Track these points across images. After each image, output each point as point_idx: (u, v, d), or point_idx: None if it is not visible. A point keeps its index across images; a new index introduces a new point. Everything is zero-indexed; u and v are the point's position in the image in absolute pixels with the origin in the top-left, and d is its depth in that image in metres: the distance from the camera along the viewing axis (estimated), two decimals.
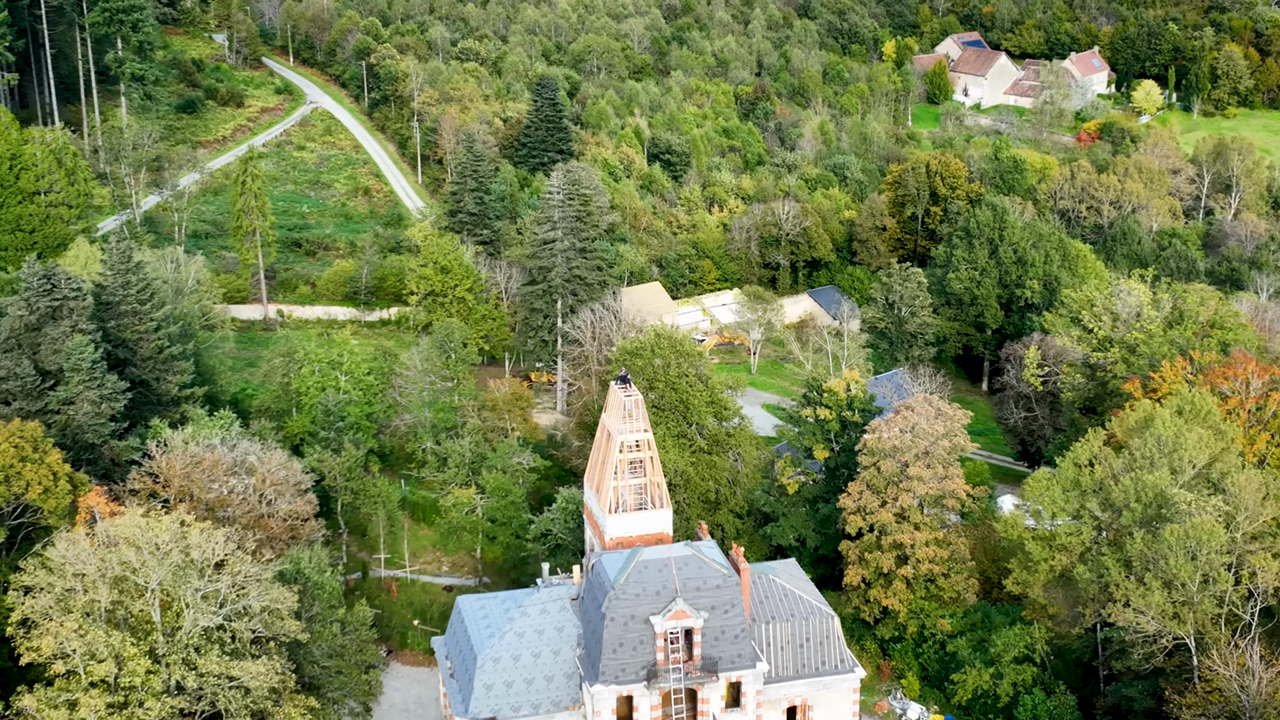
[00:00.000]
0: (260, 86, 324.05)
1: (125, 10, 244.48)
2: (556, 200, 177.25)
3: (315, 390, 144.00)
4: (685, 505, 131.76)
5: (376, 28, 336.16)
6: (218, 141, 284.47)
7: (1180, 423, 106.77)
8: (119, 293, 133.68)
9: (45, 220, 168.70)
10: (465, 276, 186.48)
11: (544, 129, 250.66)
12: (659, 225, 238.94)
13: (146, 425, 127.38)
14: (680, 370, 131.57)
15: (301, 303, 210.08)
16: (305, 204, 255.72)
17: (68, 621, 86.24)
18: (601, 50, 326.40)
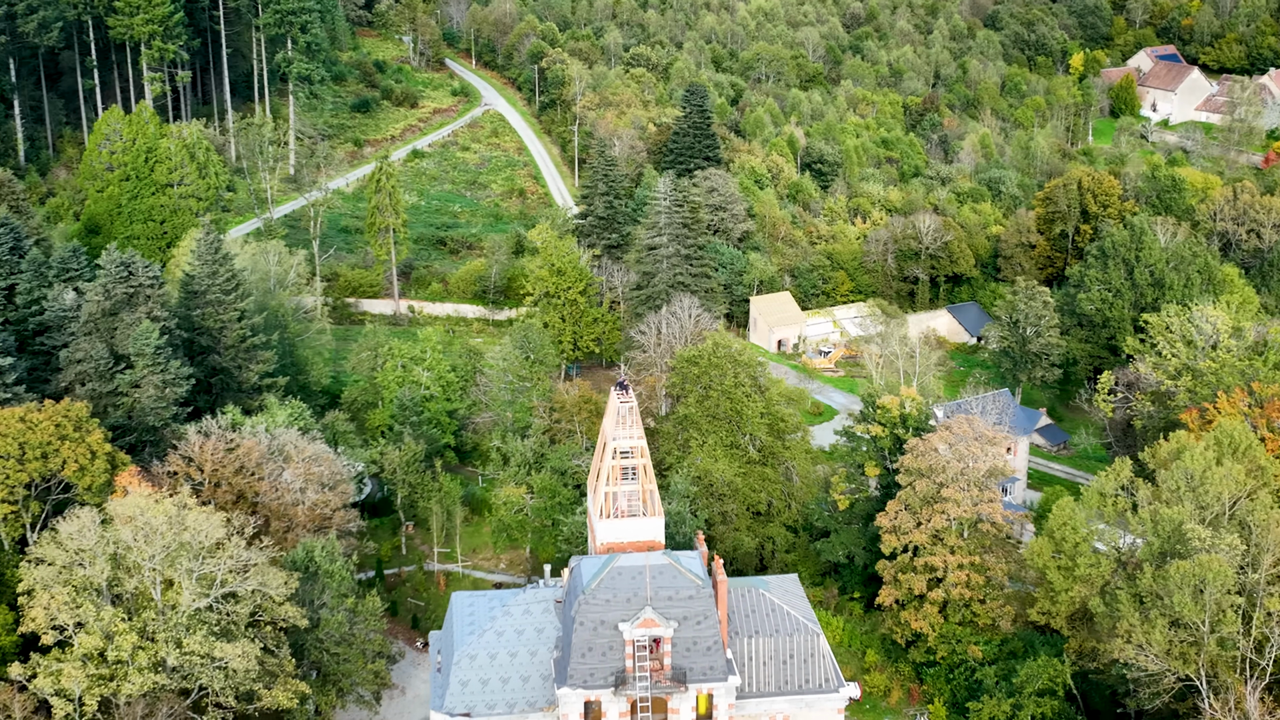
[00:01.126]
0: (438, 88, 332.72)
1: (295, 12, 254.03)
2: (662, 206, 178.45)
3: (395, 385, 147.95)
4: (733, 516, 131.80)
5: (553, 32, 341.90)
6: (385, 141, 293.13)
7: (1210, 457, 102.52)
8: (205, 282, 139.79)
9: (175, 211, 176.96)
10: (579, 279, 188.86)
11: (692, 135, 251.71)
12: (797, 235, 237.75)
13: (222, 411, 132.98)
14: (736, 380, 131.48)
15: (433, 299, 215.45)
16: (458, 203, 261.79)
17: (60, 593, 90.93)
18: (770, 58, 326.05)
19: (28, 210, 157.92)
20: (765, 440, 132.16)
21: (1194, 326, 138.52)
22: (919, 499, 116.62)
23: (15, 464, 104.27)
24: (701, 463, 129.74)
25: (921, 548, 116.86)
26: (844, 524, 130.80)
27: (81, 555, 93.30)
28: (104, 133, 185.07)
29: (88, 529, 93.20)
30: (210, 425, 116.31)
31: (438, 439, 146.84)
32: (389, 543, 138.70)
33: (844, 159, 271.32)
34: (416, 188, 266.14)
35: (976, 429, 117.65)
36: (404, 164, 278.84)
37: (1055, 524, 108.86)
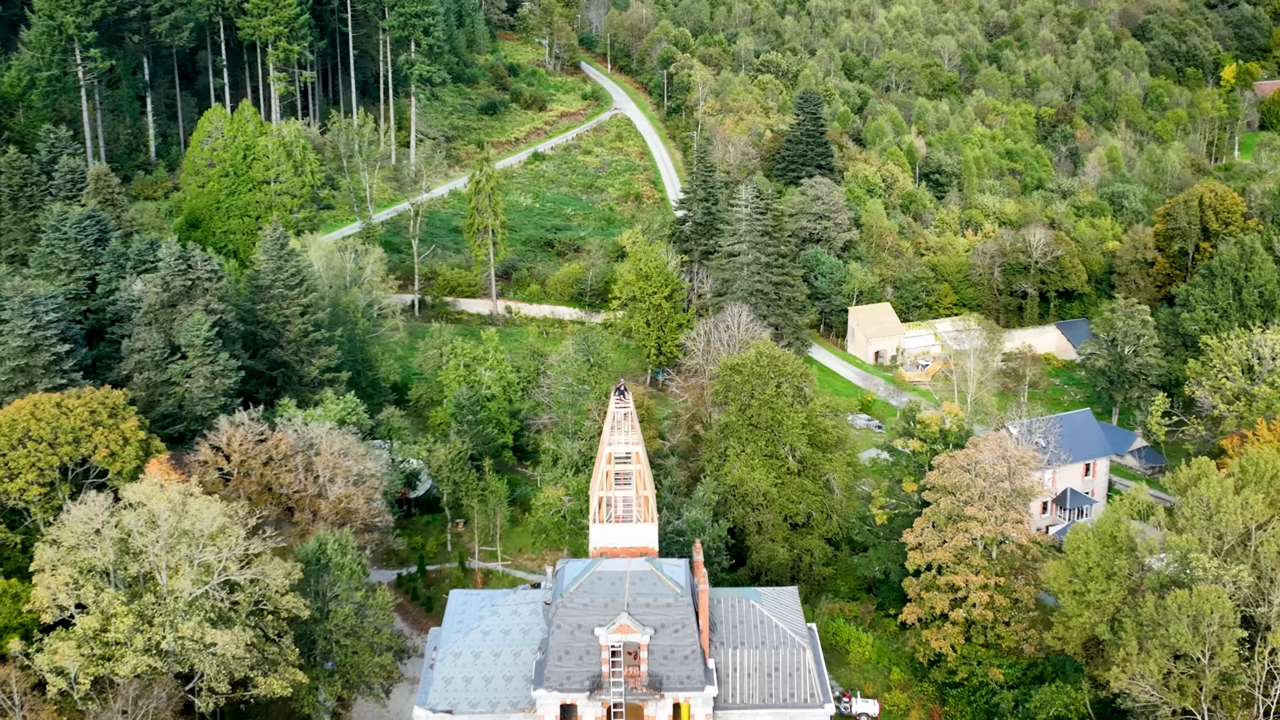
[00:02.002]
0: (569, 92, 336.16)
1: (418, 15, 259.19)
2: (743, 214, 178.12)
3: (456, 383, 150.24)
4: (769, 526, 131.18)
5: (686, 38, 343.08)
6: (509, 143, 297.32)
7: (1228, 485, 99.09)
8: (269, 278, 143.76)
9: (269, 208, 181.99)
10: (664, 285, 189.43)
11: (805, 143, 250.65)
12: (904, 245, 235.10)
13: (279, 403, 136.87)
14: (778, 390, 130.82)
15: (530, 301, 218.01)
16: (572, 206, 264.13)
17: (62, 573, 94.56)
18: (900, 66, 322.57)
19: (122, 204, 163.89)
20: (805, 451, 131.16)
21: (1252, 351, 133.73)
22: (943, 516, 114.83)
23: (47, 447, 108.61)
24: (737, 471, 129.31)
25: (945, 566, 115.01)
26: (882, 539, 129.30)
27: (89, 538, 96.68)
28: (206, 130, 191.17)
29: (96, 513, 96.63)
30: (242, 416, 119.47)
31: (495, 439, 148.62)
32: (436, 539, 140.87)
33: (963, 170, 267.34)
34: (533, 190, 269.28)
35: (1005, 448, 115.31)
36: (523, 166, 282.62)
37: (1069, 548, 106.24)
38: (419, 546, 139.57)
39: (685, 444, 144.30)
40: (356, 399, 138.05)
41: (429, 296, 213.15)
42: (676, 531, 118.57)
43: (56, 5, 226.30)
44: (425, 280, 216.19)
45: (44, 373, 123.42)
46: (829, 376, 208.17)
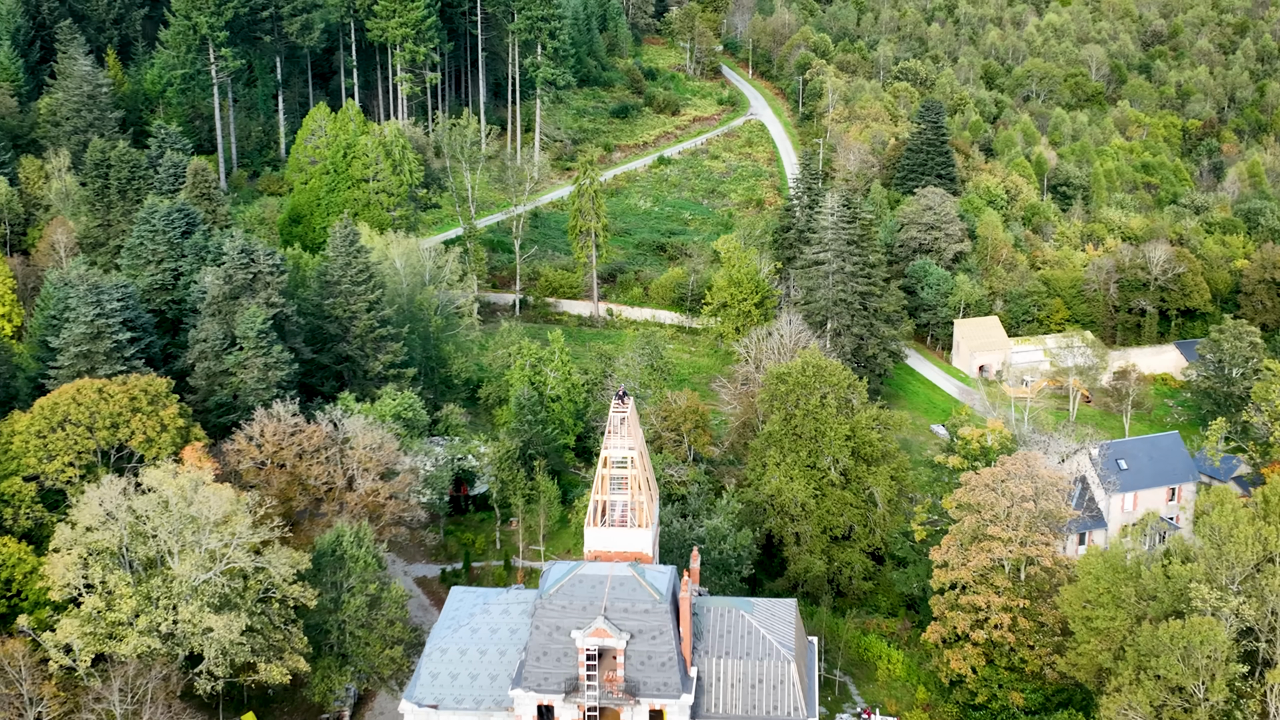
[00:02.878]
0: (706, 96, 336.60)
1: (545, 18, 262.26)
2: (829, 222, 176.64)
3: (521, 384, 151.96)
4: (807, 537, 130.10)
5: (825, 44, 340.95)
6: (637, 146, 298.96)
7: (1242, 514, 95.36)
8: (337, 273, 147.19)
9: (367, 205, 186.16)
10: (754, 291, 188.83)
11: (925, 152, 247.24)
12: (1019, 259, 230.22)
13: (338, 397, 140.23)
14: (822, 400, 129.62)
15: (632, 304, 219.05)
16: (691, 211, 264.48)
17: (72, 553, 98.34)
18: (1042, 75, 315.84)
19: (219, 199, 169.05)
20: (848, 463, 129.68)
21: None
22: (968, 535, 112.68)
23: (85, 431, 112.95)
24: (776, 481, 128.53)
25: (967, 585, 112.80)
26: (922, 556, 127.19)
27: (103, 520, 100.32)
28: (310, 129, 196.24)
29: (110, 495, 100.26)
30: (279, 409, 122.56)
31: (555, 439, 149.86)
32: (486, 536, 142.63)
33: (1092, 182, 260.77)
34: (654, 194, 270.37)
35: (1033, 468, 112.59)
36: (648, 170, 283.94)
37: (1081, 572, 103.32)
38: (469, 543, 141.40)
39: (734, 452, 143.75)
40: (414, 395, 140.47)
41: (531, 297, 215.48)
42: (697, 539, 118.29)
43: (192, 5, 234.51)
44: (529, 281, 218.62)
45: (105, 359, 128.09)
46: (928, 389, 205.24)
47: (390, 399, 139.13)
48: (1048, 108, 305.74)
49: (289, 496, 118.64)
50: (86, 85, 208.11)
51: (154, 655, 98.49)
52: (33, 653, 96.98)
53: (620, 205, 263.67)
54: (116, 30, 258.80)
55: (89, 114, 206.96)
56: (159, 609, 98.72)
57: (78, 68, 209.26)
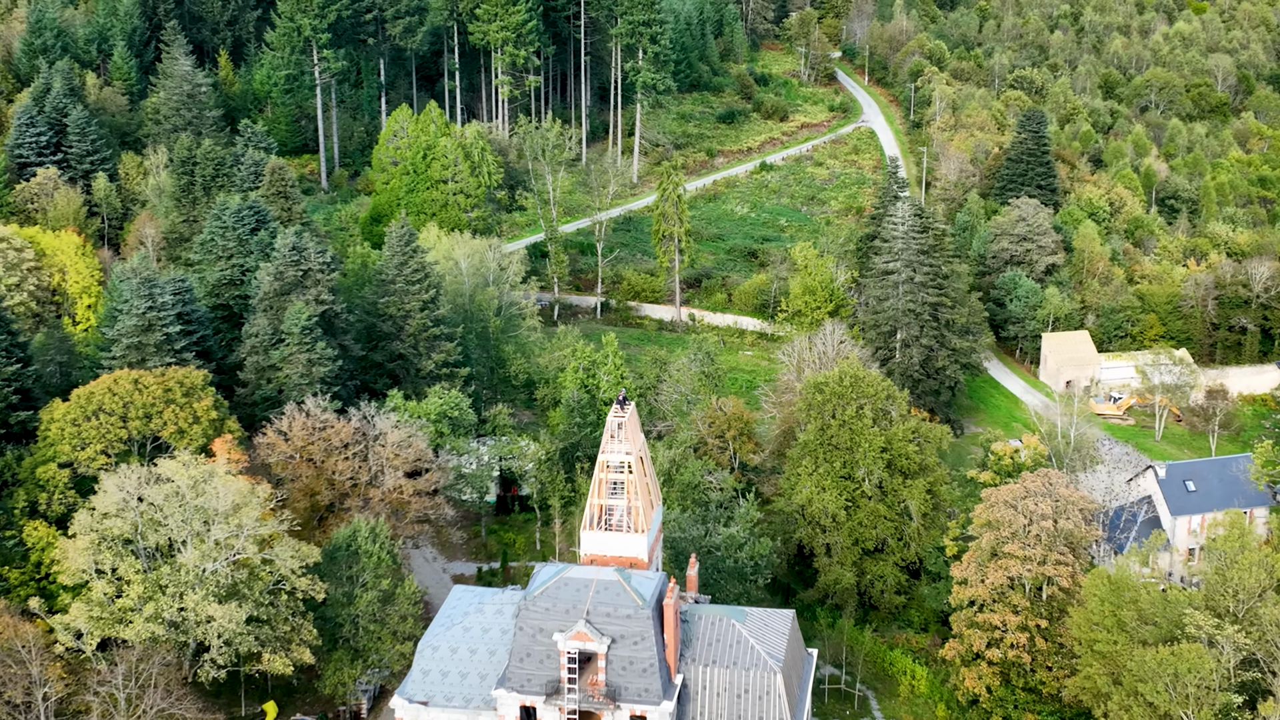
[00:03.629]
0: (818, 103, 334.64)
1: (646, 23, 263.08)
2: (899, 231, 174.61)
3: (572, 386, 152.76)
4: (839, 549, 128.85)
5: (940, 51, 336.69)
6: (741, 152, 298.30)
7: (1249, 540, 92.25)
8: (392, 273, 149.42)
9: (444, 206, 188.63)
10: (827, 300, 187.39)
11: (1025, 162, 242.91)
12: (1116, 272, 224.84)
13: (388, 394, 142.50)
14: (858, 411, 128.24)
15: (714, 309, 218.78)
16: (787, 218, 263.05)
17: (84, 540, 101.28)
18: (1161, 85, 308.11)
19: (295, 197, 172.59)
20: (882, 476, 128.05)
21: None
22: (986, 552, 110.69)
23: (118, 421, 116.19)
24: (806, 491, 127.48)
25: (984, 603, 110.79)
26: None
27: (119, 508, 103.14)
28: (393, 129, 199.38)
29: (126, 484, 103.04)
30: (311, 404, 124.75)
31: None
32: (528, 536, 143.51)
33: (1202, 196, 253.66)
34: (752, 200, 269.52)
35: (1053, 486, 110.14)
36: (749, 176, 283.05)
37: (1087, 594, 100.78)
38: (510, 543, 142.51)
39: (775, 460, 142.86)
40: (461, 394, 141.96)
41: (614, 300, 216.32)
42: (713, 546, 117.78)
43: (296, 8, 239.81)
44: (612, 284, 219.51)
45: (155, 351, 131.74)
46: (1010, 403, 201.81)
47: (437, 397, 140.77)
48: (1165, 119, 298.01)
49: (315, 490, 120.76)
50: (186, 85, 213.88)
51: (159, 642, 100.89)
52: (45, 634, 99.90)
53: (716, 210, 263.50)
54: (230, 31, 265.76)
55: (188, 113, 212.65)
56: (166, 596, 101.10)
57: (178, 67, 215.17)
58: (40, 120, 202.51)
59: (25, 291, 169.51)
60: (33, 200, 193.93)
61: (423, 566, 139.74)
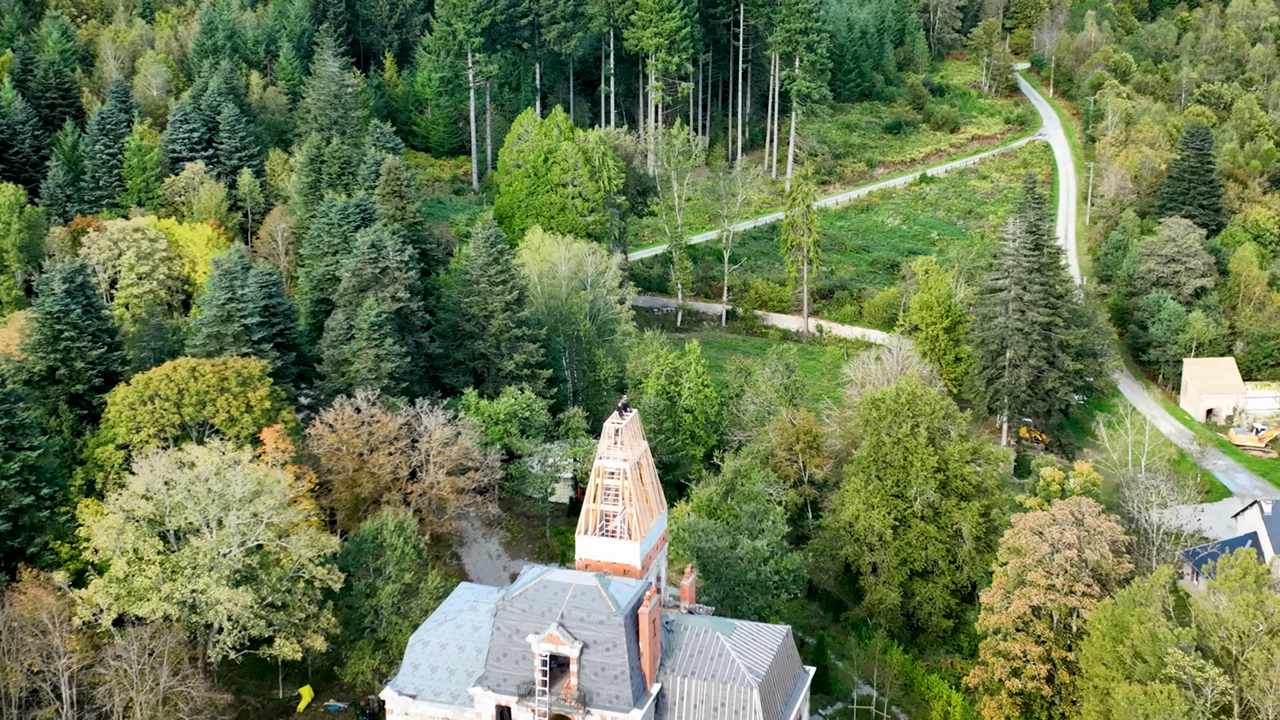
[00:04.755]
0: (994, 115, 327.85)
1: (804, 31, 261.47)
2: (1010, 248, 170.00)
3: (651, 392, 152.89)
4: (886, 569, 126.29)
5: (1126, 64, 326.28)
6: (903, 163, 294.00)
7: (1249, 580, 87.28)
8: (477, 273, 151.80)
9: (562, 210, 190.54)
10: (944, 316, 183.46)
11: (1187, 180, 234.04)
12: (1274, 298, 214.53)
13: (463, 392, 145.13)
14: (913, 430, 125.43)
15: (843, 321, 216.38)
16: (940, 230, 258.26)
17: (107, 519, 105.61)
18: None
19: (410, 197, 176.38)
20: (934, 496, 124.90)
21: None
22: (1012, 579, 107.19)
23: (172, 406, 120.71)
24: (853, 508, 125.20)
25: (1008, 632, 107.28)
26: None
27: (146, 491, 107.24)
28: (518, 133, 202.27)
29: (154, 468, 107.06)
30: (361, 398, 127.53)
31: (682, 449, 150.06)
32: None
33: None
34: (905, 212, 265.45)
35: (1082, 514, 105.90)
36: (907, 187, 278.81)
37: (1090, 628, 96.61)
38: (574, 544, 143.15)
39: (835, 475, 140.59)
40: (533, 396, 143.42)
41: (741, 309, 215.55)
42: (738, 558, 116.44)
43: (453, 12, 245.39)
44: (739, 293, 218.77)
45: (233, 341, 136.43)
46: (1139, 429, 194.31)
47: (510, 398, 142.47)
48: None
49: (358, 483, 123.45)
50: (333, 85, 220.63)
51: (172, 621, 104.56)
52: (69, 607, 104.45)
53: (866, 222, 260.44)
54: (397, 35, 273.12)
55: (333, 112, 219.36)
56: (182, 577, 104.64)
57: (327, 68, 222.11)
58: (194, 117, 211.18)
59: (155, 280, 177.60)
60: (180, 194, 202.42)
61: (485, 564, 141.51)
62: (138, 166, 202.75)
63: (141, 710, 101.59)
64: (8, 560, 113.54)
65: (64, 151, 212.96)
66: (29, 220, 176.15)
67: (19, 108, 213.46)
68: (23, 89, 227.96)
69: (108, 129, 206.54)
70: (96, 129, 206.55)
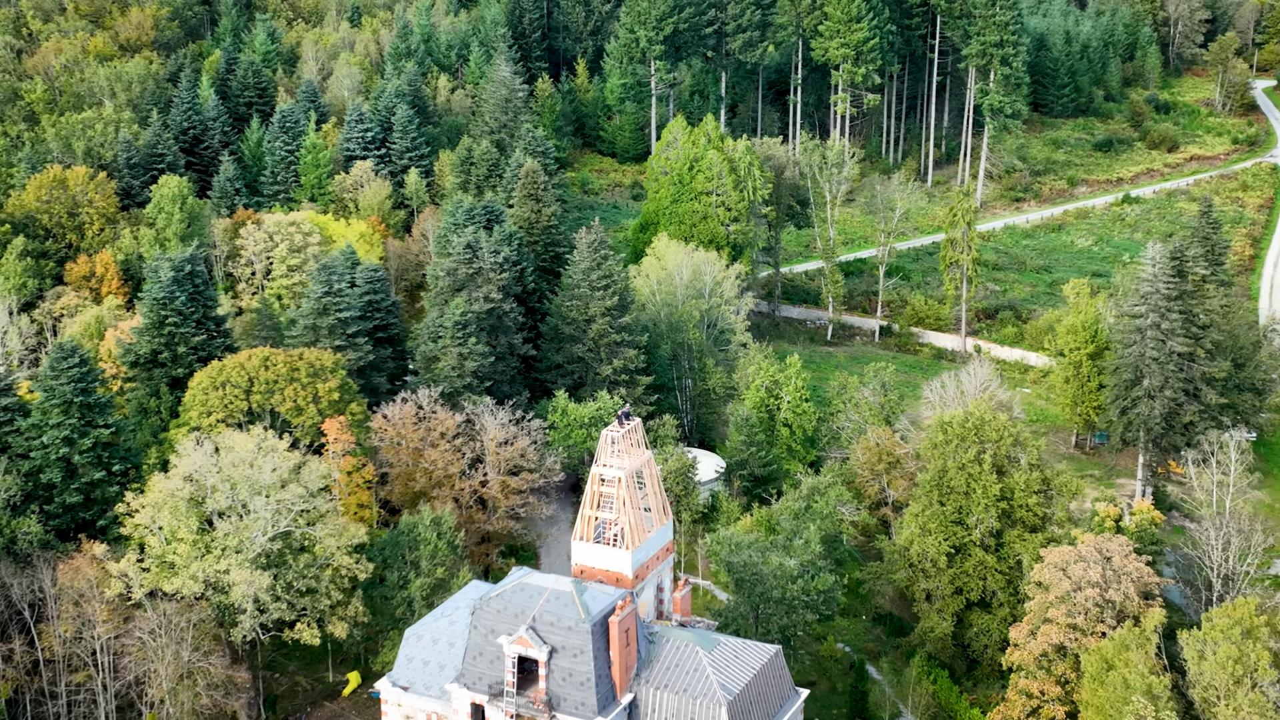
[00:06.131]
0: (1222, 135, 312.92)
1: (998, 44, 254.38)
2: (1149, 274, 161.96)
3: (750, 404, 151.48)
4: (940, 596, 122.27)
5: None
6: (1109, 182, 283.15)
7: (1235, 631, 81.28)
8: (579, 277, 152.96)
9: (704, 218, 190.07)
10: (1088, 342, 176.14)
11: None
12: None
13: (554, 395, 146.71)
14: (978, 456, 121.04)
15: (1004, 343, 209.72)
16: (1133, 253, 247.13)
17: (148, 497, 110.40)
18: None
19: (546, 200, 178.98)
20: (994, 525, 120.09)
21: None
22: (1038, 616, 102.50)
23: (241, 393, 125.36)
24: (908, 533, 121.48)
25: (1030, 671, 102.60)
26: None
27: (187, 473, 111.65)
28: (667, 140, 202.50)
29: (193, 452, 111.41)
30: (422, 395, 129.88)
31: (773, 462, 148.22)
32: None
33: None
34: (1100, 233, 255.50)
35: (1109, 553, 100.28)
36: (1107, 208, 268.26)
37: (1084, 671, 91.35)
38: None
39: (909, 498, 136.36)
40: (618, 400, 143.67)
41: (897, 325, 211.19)
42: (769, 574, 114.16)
43: (637, 20, 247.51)
44: (896, 309, 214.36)
45: (328, 333, 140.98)
46: None
47: (600, 403, 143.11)
48: None
49: (412, 477, 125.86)
50: (504, 90, 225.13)
51: (196, 600, 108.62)
52: (104, 580, 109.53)
53: (1055, 241, 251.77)
54: (592, 41, 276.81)
55: (503, 116, 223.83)
56: (210, 557, 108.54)
57: (498, 73, 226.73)
58: (370, 117, 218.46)
59: (305, 272, 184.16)
60: (349, 191, 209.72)
61: (563, 564, 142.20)
62: (311, 163, 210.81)
63: (165, 682, 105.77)
64: (79, 531, 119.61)
65: (249, 147, 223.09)
66: (191, 211, 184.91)
67: (211, 105, 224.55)
68: (224, 87, 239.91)
69: (287, 127, 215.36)
70: (277, 126, 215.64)
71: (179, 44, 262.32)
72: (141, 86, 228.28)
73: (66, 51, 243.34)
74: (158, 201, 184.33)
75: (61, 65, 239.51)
